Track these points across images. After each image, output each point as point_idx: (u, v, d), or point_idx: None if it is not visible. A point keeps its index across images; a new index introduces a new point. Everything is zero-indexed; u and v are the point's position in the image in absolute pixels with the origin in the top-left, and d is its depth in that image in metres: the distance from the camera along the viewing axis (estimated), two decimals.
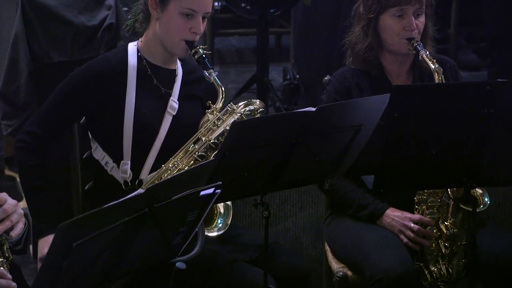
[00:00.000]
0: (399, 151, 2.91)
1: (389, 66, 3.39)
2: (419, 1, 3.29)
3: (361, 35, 3.37)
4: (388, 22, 3.31)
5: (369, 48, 3.35)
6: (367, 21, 3.34)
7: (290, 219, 4.19)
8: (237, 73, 5.67)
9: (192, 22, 3.09)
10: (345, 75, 3.40)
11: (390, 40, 3.33)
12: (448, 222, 3.22)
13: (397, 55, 3.36)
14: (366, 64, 3.38)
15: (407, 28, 3.29)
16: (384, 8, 3.30)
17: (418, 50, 3.25)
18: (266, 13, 4.53)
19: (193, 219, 2.52)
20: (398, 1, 3.28)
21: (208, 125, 3.08)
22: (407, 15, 3.29)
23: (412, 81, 3.38)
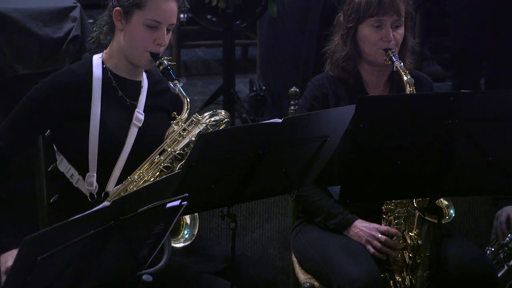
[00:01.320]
0: (364, 161, 2.92)
1: (367, 76, 3.41)
2: (398, 12, 3.32)
3: (340, 44, 3.39)
4: (366, 32, 3.33)
5: (347, 57, 3.37)
6: (346, 30, 3.36)
7: (257, 231, 4.20)
8: (203, 84, 5.68)
9: (157, 34, 3.09)
10: (323, 81, 3.42)
11: (367, 50, 3.35)
12: (413, 233, 3.24)
13: (375, 65, 3.38)
14: (344, 73, 3.39)
15: (384, 38, 3.31)
16: (362, 18, 3.32)
17: (393, 61, 3.28)
18: (232, 25, 4.54)
19: (160, 231, 2.51)
20: (376, 12, 3.30)
21: (173, 136, 3.08)
22: (385, 26, 3.31)
23: (390, 91, 3.40)
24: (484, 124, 2.89)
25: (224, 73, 4.74)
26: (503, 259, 3.50)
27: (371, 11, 3.29)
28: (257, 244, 4.21)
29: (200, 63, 6.17)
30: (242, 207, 4.14)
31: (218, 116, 3.11)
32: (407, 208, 3.26)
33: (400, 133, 2.90)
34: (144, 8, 3.08)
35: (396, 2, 3.30)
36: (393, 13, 3.30)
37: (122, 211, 2.34)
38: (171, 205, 2.47)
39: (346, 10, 3.37)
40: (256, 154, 2.82)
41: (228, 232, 3.98)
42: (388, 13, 3.29)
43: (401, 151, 2.91)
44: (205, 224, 4.06)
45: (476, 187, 3.06)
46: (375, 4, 3.28)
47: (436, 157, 2.92)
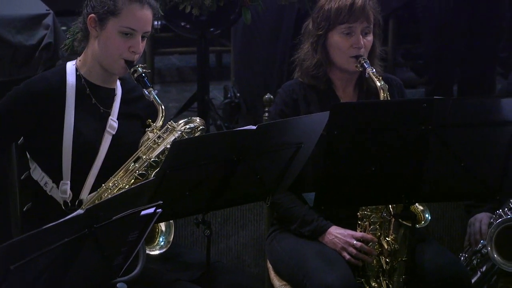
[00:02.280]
0: (339, 168, 2.93)
1: (337, 81, 3.43)
2: (367, 19, 3.33)
3: (310, 52, 3.40)
4: (336, 40, 3.35)
5: (317, 64, 3.38)
6: (316, 38, 3.37)
7: (232, 238, 4.19)
8: (178, 92, 5.67)
9: (131, 41, 3.09)
10: (293, 87, 3.43)
11: (338, 57, 3.36)
12: (389, 238, 3.26)
13: (345, 72, 3.40)
14: (315, 80, 3.40)
15: (354, 45, 3.32)
16: (332, 25, 3.34)
17: (364, 68, 3.29)
18: (206, 32, 4.54)
19: (134, 239, 2.50)
20: (346, 19, 3.31)
21: (148, 143, 3.07)
22: (355, 33, 3.33)
23: (358, 98, 3.42)
24: (457, 130, 2.91)
25: (198, 80, 4.73)
26: (476, 266, 3.52)
27: (341, 18, 3.31)
28: (232, 251, 4.20)
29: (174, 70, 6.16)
30: (217, 214, 4.14)
31: (193, 124, 3.11)
32: (382, 214, 3.27)
33: (374, 139, 2.91)
34: (119, 16, 3.08)
35: (366, 9, 3.32)
36: (363, 20, 3.32)
37: (96, 219, 2.33)
38: (145, 213, 2.46)
39: (315, 18, 3.38)
40: (231, 161, 2.82)
41: (203, 239, 3.97)
42: (358, 20, 3.31)
43: (375, 157, 2.93)
44: (180, 231, 4.05)
45: (450, 193, 3.08)
46: (346, 11, 3.30)
47: (410, 163, 2.94)
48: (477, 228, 3.53)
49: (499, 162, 2.95)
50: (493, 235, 3.36)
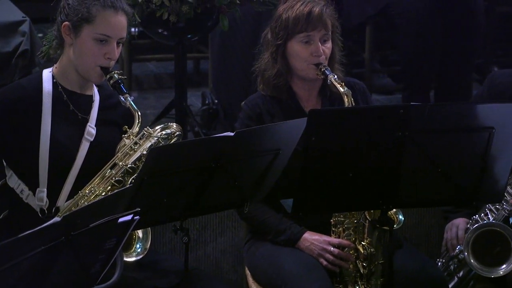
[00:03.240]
0: (316, 174, 2.94)
1: (299, 91, 3.43)
2: (325, 27, 3.35)
3: (270, 62, 3.40)
4: (296, 48, 3.35)
5: (278, 74, 3.39)
6: (275, 47, 3.38)
7: (210, 244, 4.19)
8: (155, 98, 5.65)
9: (107, 48, 3.08)
10: (256, 101, 3.43)
11: (298, 66, 3.37)
12: (365, 242, 3.27)
13: (306, 80, 3.40)
14: (276, 90, 3.41)
15: (314, 54, 3.33)
16: (291, 34, 3.34)
17: (326, 75, 3.30)
18: (184, 39, 4.53)
19: (112, 246, 2.49)
20: (304, 28, 3.32)
21: (124, 149, 3.06)
22: (314, 41, 3.34)
23: (322, 105, 3.43)
24: (434, 136, 2.93)
25: (176, 87, 4.73)
26: (453, 271, 3.54)
27: (299, 27, 3.32)
28: (211, 258, 4.19)
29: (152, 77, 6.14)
30: (195, 220, 4.13)
31: (170, 130, 3.11)
32: (359, 220, 3.28)
33: (352, 146, 2.92)
34: (93, 23, 3.07)
35: (324, 17, 3.33)
36: (321, 28, 3.33)
37: (73, 226, 2.32)
38: (123, 220, 2.45)
39: (273, 28, 3.39)
40: (209, 167, 2.81)
41: (181, 246, 3.96)
42: (316, 28, 3.32)
43: (353, 163, 2.93)
44: (158, 238, 4.04)
45: (427, 198, 3.10)
46: (303, 20, 3.31)
47: (387, 169, 2.95)
48: (454, 233, 3.55)
49: (475, 168, 2.97)
50: (469, 240, 3.38)
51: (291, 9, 3.34)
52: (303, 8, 3.31)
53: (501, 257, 3.38)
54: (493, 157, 2.95)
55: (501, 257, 3.38)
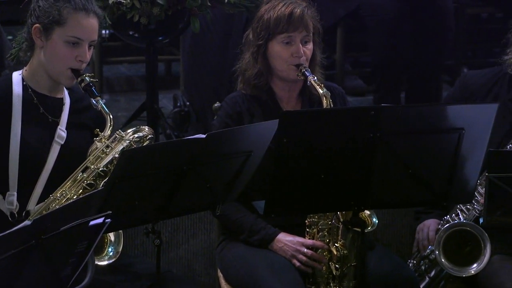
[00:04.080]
0: (288, 176, 2.94)
1: (279, 91, 3.44)
2: (306, 28, 3.36)
3: (251, 62, 3.41)
4: (277, 49, 3.37)
5: (259, 74, 3.40)
6: (256, 47, 3.39)
7: (182, 247, 4.18)
8: (127, 101, 5.63)
9: (78, 50, 3.07)
10: (236, 100, 3.43)
11: (278, 66, 3.38)
12: (338, 243, 3.28)
13: (286, 81, 3.41)
14: (257, 90, 3.42)
15: (295, 54, 3.35)
16: (272, 35, 3.36)
17: (306, 76, 3.32)
18: (155, 41, 4.52)
19: (83, 249, 2.48)
20: (285, 28, 3.33)
21: (96, 153, 3.05)
22: (295, 42, 3.35)
23: (302, 106, 3.44)
24: (405, 138, 2.94)
25: (148, 89, 4.71)
26: (424, 271, 3.56)
27: (280, 28, 3.33)
28: (183, 260, 4.19)
29: (123, 79, 6.12)
30: (167, 223, 4.12)
31: (142, 133, 3.10)
32: (331, 221, 3.29)
33: (323, 147, 2.92)
34: (64, 25, 3.05)
35: (305, 18, 3.35)
36: (302, 29, 3.34)
37: (44, 230, 2.31)
38: (94, 223, 2.44)
39: (255, 28, 3.40)
40: (180, 170, 2.81)
41: (153, 249, 3.94)
42: (297, 29, 3.33)
43: (325, 165, 2.94)
44: (130, 241, 4.03)
45: (399, 199, 3.11)
46: (285, 20, 3.32)
47: (359, 171, 2.96)
48: (425, 234, 3.57)
49: (446, 168, 2.99)
50: (441, 240, 3.40)
51: (272, 10, 3.35)
52: (285, 9, 3.33)
53: (472, 257, 3.40)
54: (463, 157, 2.97)
55: (472, 257, 3.40)
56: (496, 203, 3.08)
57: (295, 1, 3.37)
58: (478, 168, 3.02)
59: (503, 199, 3.06)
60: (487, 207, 3.10)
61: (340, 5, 5.09)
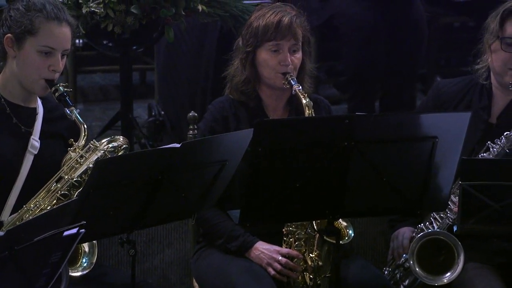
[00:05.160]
0: (263, 184, 2.94)
1: (266, 99, 3.45)
2: (295, 37, 3.37)
3: (240, 68, 3.43)
4: (264, 56, 3.38)
5: (246, 81, 3.41)
6: (245, 54, 3.40)
7: (157, 256, 4.17)
8: (101, 110, 5.61)
9: (51, 60, 3.06)
10: (223, 104, 3.44)
11: (266, 74, 3.39)
12: (313, 254, 3.28)
13: (274, 89, 3.42)
14: (244, 97, 3.43)
15: (282, 63, 3.36)
16: (260, 42, 3.37)
17: (291, 85, 3.33)
18: (129, 50, 4.52)
19: (57, 260, 2.47)
20: (273, 36, 3.35)
21: (70, 163, 3.04)
22: (283, 50, 3.36)
23: (289, 115, 3.45)
24: (379, 146, 2.96)
25: (122, 99, 4.70)
26: (399, 279, 3.57)
27: (268, 36, 3.35)
28: (158, 270, 4.17)
29: (97, 88, 6.10)
30: (142, 233, 4.10)
31: (116, 142, 3.09)
32: (307, 230, 3.29)
33: (298, 156, 2.93)
34: (37, 35, 3.04)
35: (293, 27, 3.36)
36: (291, 38, 3.36)
37: (17, 241, 2.29)
38: (68, 233, 2.43)
39: (244, 35, 3.42)
40: (155, 179, 2.80)
41: (128, 259, 3.93)
42: (285, 37, 3.35)
43: (300, 173, 2.95)
44: (105, 251, 4.01)
45: (373, 208, 3.12)
46: (273, 28, 3.34)
47: (334, 179, 2.97)
48: (399, 242, 3.58)
49: (420, 177, 3.01)
50: (415, 248, 3.42)
51: (262, 17, 3.37)
52: (273, 17, 3.35)
53: (446, 265, 3.42)
54: (437, 166, 2.99)
55: (446, 265, 3.42)
56: (469, 211, 3.10)
57: (284, 10, 3.39)
58: (451, 176, 3.04)
59: (476, 207, 3.08)
60: (461, 216, 3.11)
61: (314, 15, 5.11)
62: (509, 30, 3.44)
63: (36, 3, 3.07)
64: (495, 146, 3.39)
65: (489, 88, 3.55)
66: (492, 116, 3.55)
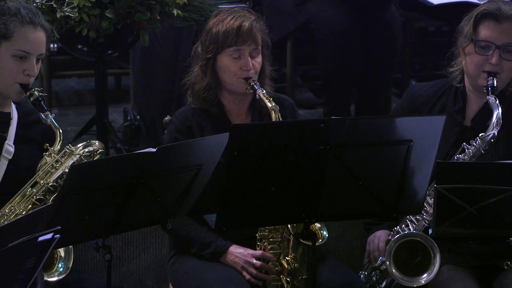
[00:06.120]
0: (239, 189, 2.94)
1: (228, 105, 3.45)
2: (255, 41, 3.38)
3: (200, 75, 3.41)
4: (225, 62, 3.37)
5: (208, 87, 3.40)
6: (205, 61, 3.39)
7: (133, 261, 4.15)
8: (76, 115, 5.59)
9: (26, 64, 3.04)
10: (186, 114, 3.43)
11: (227, 79, 3.39)
12: (289, 257, 3.29)
13: (235, 94, 3.42)
14: (206, 104, 3.42)
15: (243, 68, 3.36)
16: (221, 48, 3.36)
17: (255, 89, 3.33)
18: (104, 55, 4.50)
19: (32, 266, 2.45)
20: (234, 42, 3.34)
21: (46, 168, 3.03)
22: (244, 55, 3.36)
23: (252, 119, 3.45)
24: (354, 150, 2.97)
25: (97, 103, 4.69)
26: (376, 282, 3.58)
27: (229, 41, 3.34)
28: (134, 275, 4.16)
29: (73, 93, 6.07)
30: (118, 237, 4.09)
31: (92, 147, 3.08)
32: (282, 234, 3.30)
33: (274, 160, 2.93)
34: (11, 39, 3.03)
35: (253, 32, 3.36)
36: (251, 42, 3.36)
37: None
38: (43, 239, 2.41)
39: (204, 41, 3.41)
40: (131, 184, 2.80)
41: (103, 264, 3.92)
42: (246, 42, 3.35)
43: (275, 177, 2.95)
44: (80, 256, 3.99)
45: (349, 211, 3.13)
46: (233, 34, 3.33)
47: (309, 183, 2.97)
48: (375, 245, 3.60)
49: (395, 180, 3.02)
50: (391, 251, 3.43)
51: (221, 23, 3.36)
52: (233, 22, 3.34)
53: (422, 267, 3.43)
54: (412, 169, 3.00)
55: (422, 267, 3.43)
56: (444, 214, 3.11)
57: (243, 15, 3.39)
58: (426, 179, 3.05)
59: (451, 210, 3.10)
60: (436, 218, 3.13)
61: (290, 19, 5.12)
62: (482, 33, 3.47)
63: (11, 8, 3.05)
64: (471, 147, 3.41)
65: (463, 91, 3.57)
66: (467, 119, 3.57)
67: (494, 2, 3.51)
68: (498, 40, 3.44)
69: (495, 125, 3.38)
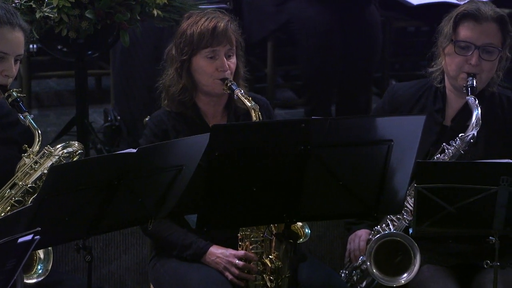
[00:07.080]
0: (220, 189, 2.94)
1: (204, 107, 3.44)
2: (230, 42, 3.37)
3: (175, 78, 3.40)
4: (201, 64, 3.37)
5: (183, 90, 3.39)
6: (180, 63, 3.38)
7: (114, 262, 4.14)
8: (56, 115, 5.57)
9: (4, 65, 3.03)
10: (161, 118, 3.42)
11: (203, 81, 3.38)
12: (272, 255, 3.29)
13: (211, 95, 3.42)
14: (181, 106, 3.41)
15: (219, 69, 3.35)
16: (196, 50, 3.35)
17: (233, 90, 3.33)
18: (84, 55, 4.48)
19: (11, 267, 2.44)
20: (209, 43, 3.34)
21: (24, 169, 3.01)
22: (219, 56, 3.36)
23: (228, 120, 3.45)
24: (335, 150, 2.97)
25: (77, 104, 4.67)
26: (356, 281, 3.59)
27: (204, 43, 3.34)
28: (115, 276, 4.15)
29: (53, 94, 6.05)
30: (99, 238, 4.08)
31: (71, 148, 3.07)
32: (264, 235, 3.30)
33: (255, 160, 2.93)
34: None
35: (228, 32, 3.36)
36: (226, 43, 3.36)
37: None
38: (22, 240, 2.40)
39: (178, 43, 3.39)
40: (111, 185, 2.79)
41: (84, 265, 3.91)
42: (221, 43, 3.35)
43: (256, 178, 2.95)
44: (60, 257, 3.97)
45: (330, 211, 3.14)
46: (208, 35, 3.33)
47: (290, 183, 2.97)
48: (356, 244, 3.61)
49: (376, 180, 3.03)
50: (372, 250, 3.44)
51: (195, 25, 3.35)
52: (208, 24, 3.33)
53: (402, 266, 3.45)
54: (393, 169, 3.01)
55: (402, 266, 3.45)
56: (424, 213, 3.13)
57: (217, 16, 3.38)
58: (407, 179, 3.06)
59: (431, 210, 3.11)
60: (416, 218, 3.14)
61: (270, 19, 5.13)
62: (462, 34, 3.48)
63: None
64: (450, 147, 3.43)
65: (443, 91, 3.59)
66: (447, 119, 3.59)
67: (474, 2, 3.53)
68: (478, 41, 3.46)
69: (475, 126, 3.40)
